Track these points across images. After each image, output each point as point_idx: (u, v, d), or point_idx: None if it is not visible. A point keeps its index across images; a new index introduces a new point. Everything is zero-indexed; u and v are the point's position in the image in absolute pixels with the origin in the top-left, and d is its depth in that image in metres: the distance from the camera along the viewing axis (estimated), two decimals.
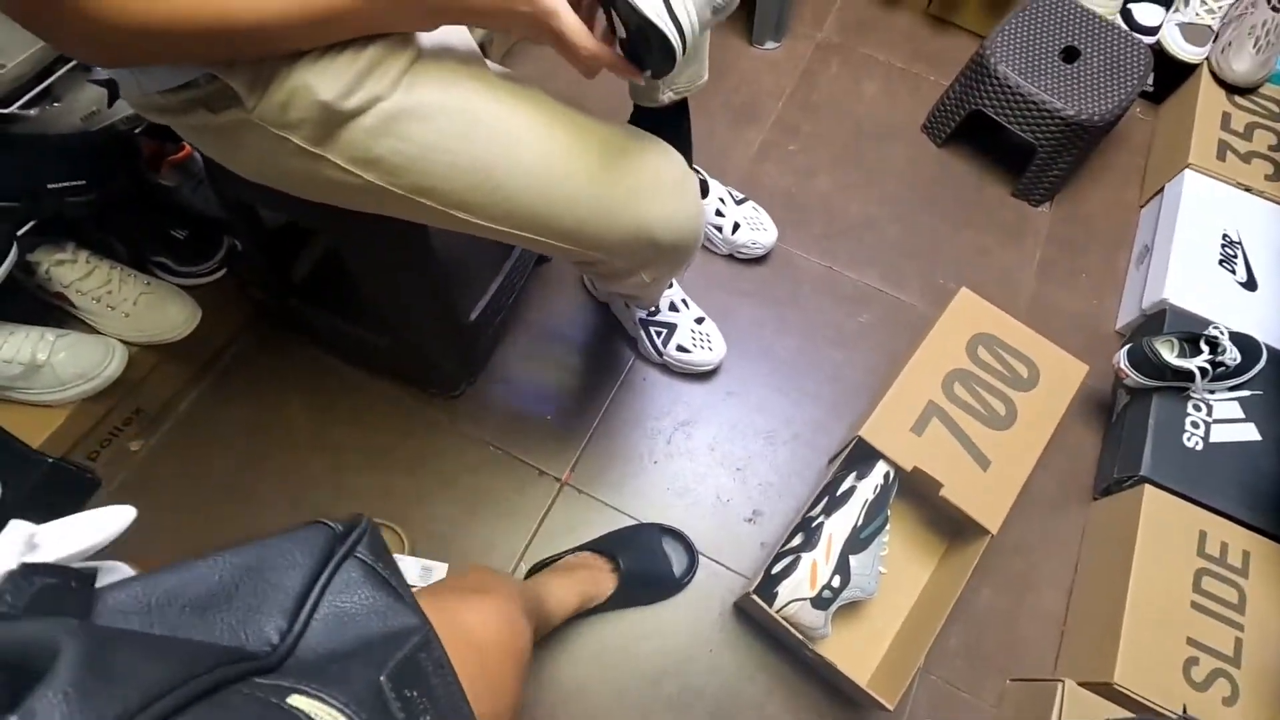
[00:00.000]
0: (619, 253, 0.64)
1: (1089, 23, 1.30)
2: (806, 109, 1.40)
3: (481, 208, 0.59)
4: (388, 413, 1.06)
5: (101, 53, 0.51)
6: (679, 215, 0.64)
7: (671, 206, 0.64)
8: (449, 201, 0.59)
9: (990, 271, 1.27)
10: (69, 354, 0.86)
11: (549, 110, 0.60)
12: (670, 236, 0.64)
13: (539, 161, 0.58)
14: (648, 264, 0.67)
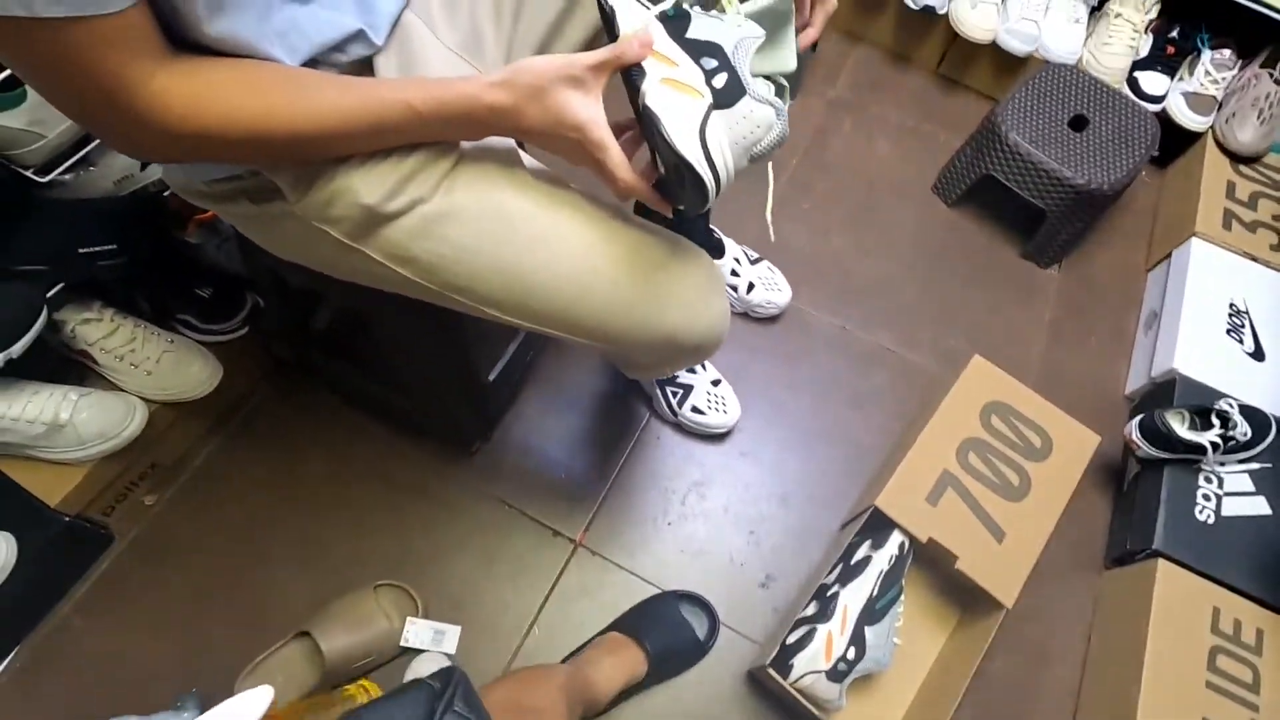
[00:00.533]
0: (642, 352, 0.66)
1: (1097, 91, 1.33)
2: (820, 167, 1.42)
3: (510, 307, 0.61)
4: (404, 469, 1.06)
5: (158, 154, 0.53)
6: (701, 322, 0.65)
7: (695, 313, 0.64)
8: (479, 299, 0.60)
9: (1000, 332, 1.28)
10: (90, 414, 0.86)
11: (580, 214, 0.61)
12: (693, 340, 0.65)
13: (566, 266, 0.60)
14: (669, 361, 0.68)
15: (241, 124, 0.48)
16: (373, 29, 0.58)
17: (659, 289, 0.62)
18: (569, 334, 0.63)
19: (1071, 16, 1.42)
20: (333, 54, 0.57)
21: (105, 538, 0.96)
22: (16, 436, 0.84)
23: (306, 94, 0.50)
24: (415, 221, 0.56)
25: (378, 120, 0.51)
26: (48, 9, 0.39)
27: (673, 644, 0.95)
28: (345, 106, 0.51)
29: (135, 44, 0.44)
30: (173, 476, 1.02)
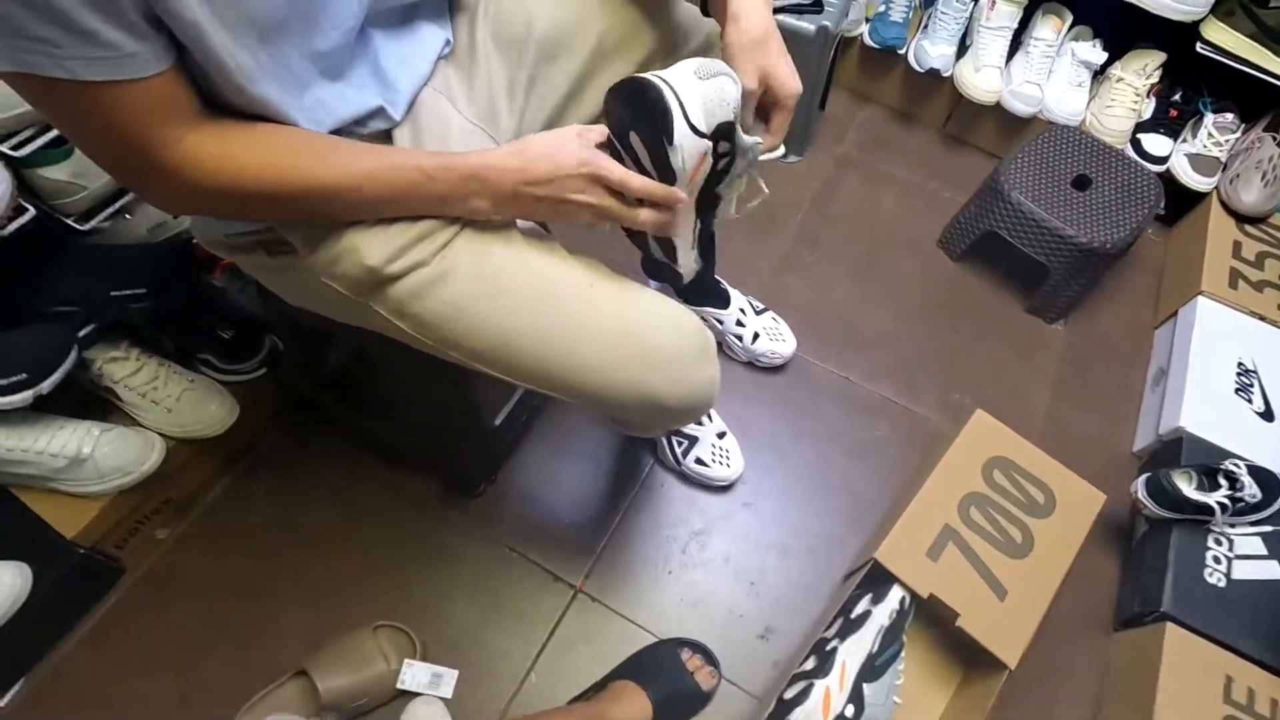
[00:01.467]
0: (631, 413, 0.67)
1: (1099, 152, 1.35)
2: (826, 221, 1.45)
3: (501, 365, 0.63)
4: (409, 511, 1.08)
5: (184, 208, 0.57)
6: (688, 388, 0.66)
7: (682, 379, 0.65)
8: (471, 355, 0.63)
9: (1005, 387, 1.29)
10: (111, 449, 0.90)
11: (573, 278, 0.64)
12: (679, 404, 0.66)
13: (556, 330, 0.62)
14: (658, 422, 0.69)
15: (264, 184, 0.52)
16: (392, 105, 0.63)
17: (646, 354, 0.63)
18: (558, 393, 0.65)
19: (1074, 81, 1.45)
20: (353, 127, 0.61)
21: (116, 570, 0.98)
22: (40, 469, 0.88)
23: (327, 157, 0.54)
24: (414, 283, 0.60)
25: (391, 182, 0.55)
26: (86, 72, 0.43)
27: (676, 693, 0.94)
28: (361, 169, 0.55)
29: (166, 107, 0.48)
30: (185, 511, 1.05)
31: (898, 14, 1.52)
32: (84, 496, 0.92)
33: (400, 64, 0.64)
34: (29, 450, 0.86)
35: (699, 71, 0.56)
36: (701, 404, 0.68)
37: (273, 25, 0.51)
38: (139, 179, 0.52)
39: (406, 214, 0.58)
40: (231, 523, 1.06)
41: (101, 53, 0.43)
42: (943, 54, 1.47)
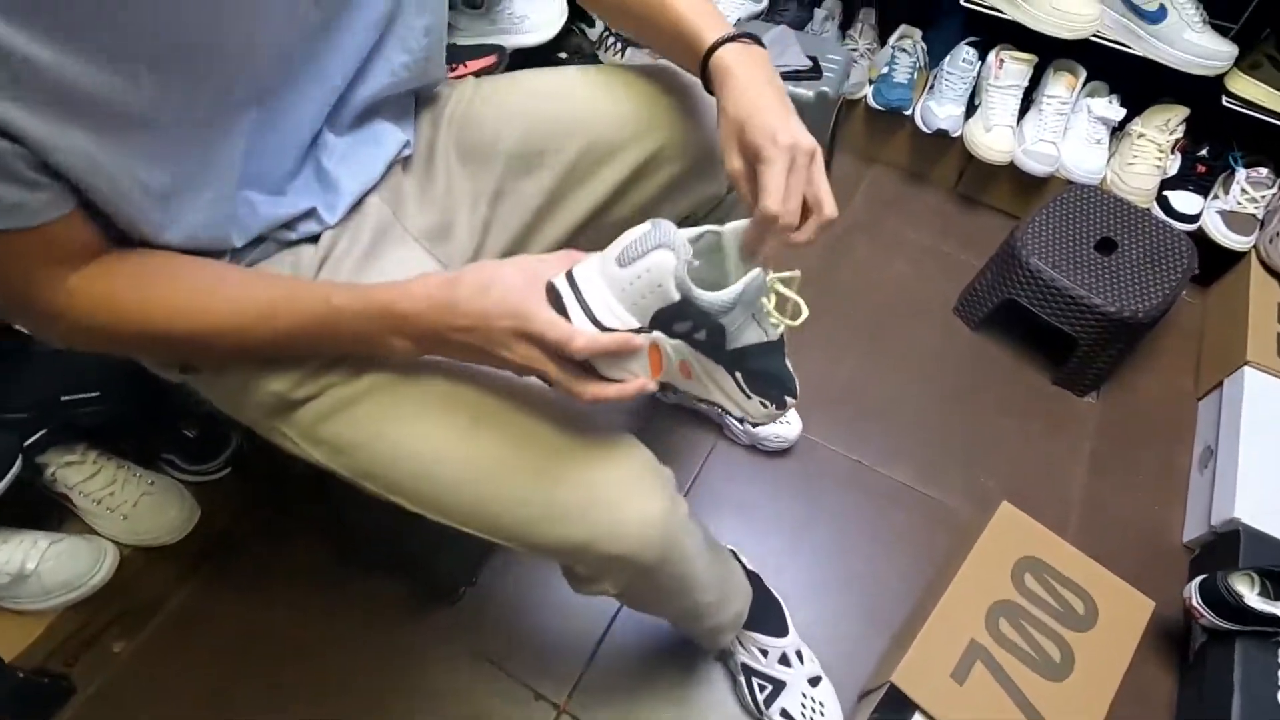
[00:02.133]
0: (570, 560, 0.58)
1: (1124, 213, 1.27)
2: (834, 288, 1.38)
3: (419, 499, 0.56)
4: (381, 618, 1.00)
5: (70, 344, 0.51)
6: (622, 529, 0.55)
7: (615, 520, 0.55)
8: (388, 488, 0.56)
9: (1035, 468, 1.18)
10: (58, 562, 0.84)
11: (499, 404, 0.55)
12: (616, 549, 0.55)
13: (476, 462, 0.54)
14: (604, 574, 0.59)
15: (154, 325, 0.48)
16: (328, 208, 0.57)
17: (574, 489, 0.54)
18: (485, 534, 0.56)
19: (1091, 138, 1.38)
20: (282, 231, 0.56)
21: (65, 690, 0.91)
22: None
23: (221, 292, 0.49)
24: (327, 404, 0.54)
25: (295, 319, 0.49)
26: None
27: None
28: (261, 305, 0.49)
29: (54, 251, 0.44)
30: (144, 621, 0.98)
31: (902, 75, 1.47)
32: (28, 614, 0.85)
33: (347, 165, 0.60)
34: None
35: (623, 256, 0.47)
36: (643, 546, 0.56)
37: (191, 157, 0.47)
38: (24, 319, 0.48)
39: (317, 354, 0.52)
40: (192, 633, 0.98)
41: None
42: (950, 114, 1.42)
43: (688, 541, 0.63)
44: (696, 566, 0.67)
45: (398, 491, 0.56)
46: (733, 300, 0.49)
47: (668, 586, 0.65)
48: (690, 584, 0.68)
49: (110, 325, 0.47)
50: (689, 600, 0.71)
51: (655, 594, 0.68)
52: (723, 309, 0.49)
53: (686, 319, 0.50)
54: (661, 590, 0.66)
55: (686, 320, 0.50)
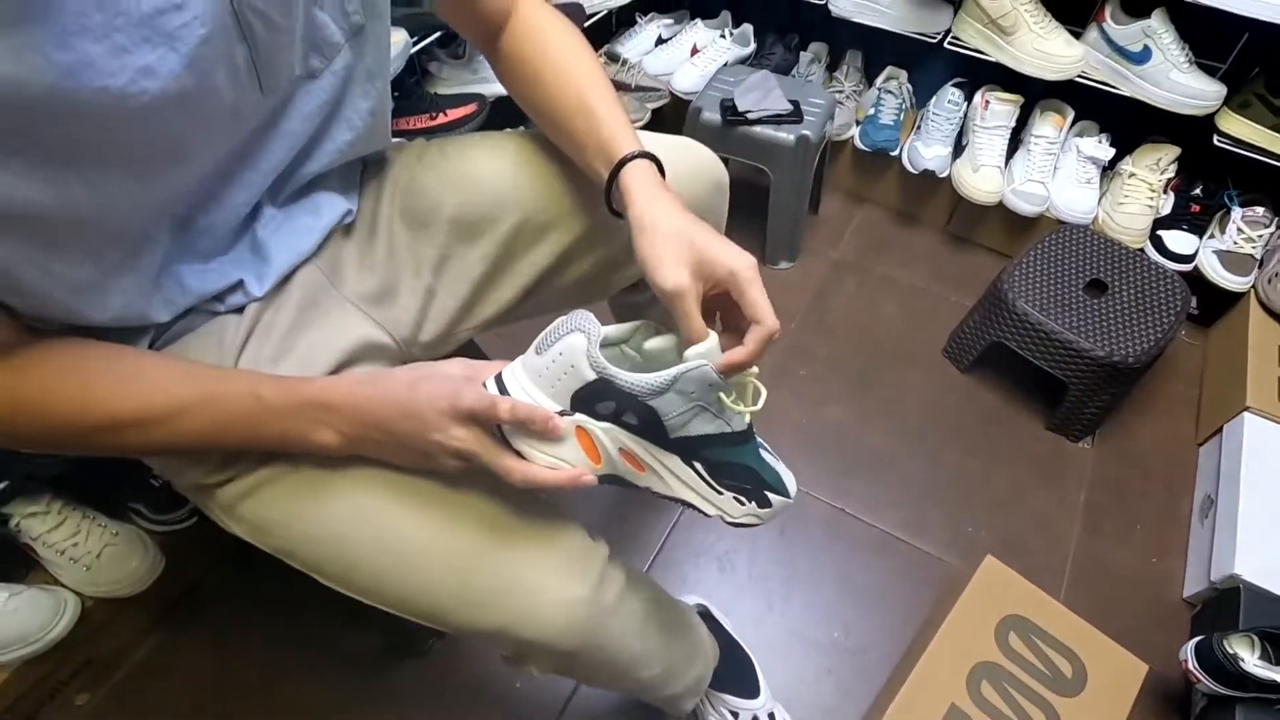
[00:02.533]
0: (489, 644, 0.56)
1: (1115, 254, 1.25)
2: (820, 331, 1.36)
3: (336, 579, 0.54)
4: (348, 672, 0.97)
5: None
6: (537, 616, 0.53)
7: (530, 607, 0.53)
8: (307, 565, 0.54)
9: (1026, 518, 1.14)
10: (15, 615, 0.83)
11: (420, 486, 0.53)
12: (532, 635, 0.54)
13: (393, 542, 0.52)
14: (528, 658, 0.57)
15: (61, 420, 0.46)
16: (258, 279, 0.57)
17: (492, 578, 0.53)
18: (407, 614, 0.55)
19: (1081, 178, 1.37)
20: (211, 303, 0.56)
21: None
22: None
23: (137, 384, 0.48)
24: (243, 486, 0.53)
25: (218, 414, 0.48)
26: None
27: None
28: (181, 398, 0.48)
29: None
30: (109, 673, 0.97)
31: (888, 117, 1.47)
32: None
33: (281, 237, 0.59)
34: None
35: (540, 344, 0.49)
36: (561, 633, 0.54)
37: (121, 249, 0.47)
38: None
39: (245, 449, 0.51)
40: (158, 685, 0.97)
41: None
42: (937, 155, 1.41)
43: (615, 625, 0.59)
44: (631, 646, 0.64)
45: (317, 571, 0.54)
46: (661, 384, 0.48)
47: (599, 669, 0.62)
48: (626, 664, 0.64)
49: (19, 420, 0.45)
50: (629, 678, 0.68)
51: (588, 674, 0.65)
52: (647, 392, 0.48)
53: (608, 399, 0.49)
54: (594, 671, 0.63)
55: (609, 400, 0.49)
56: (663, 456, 0.52)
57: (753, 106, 1.27)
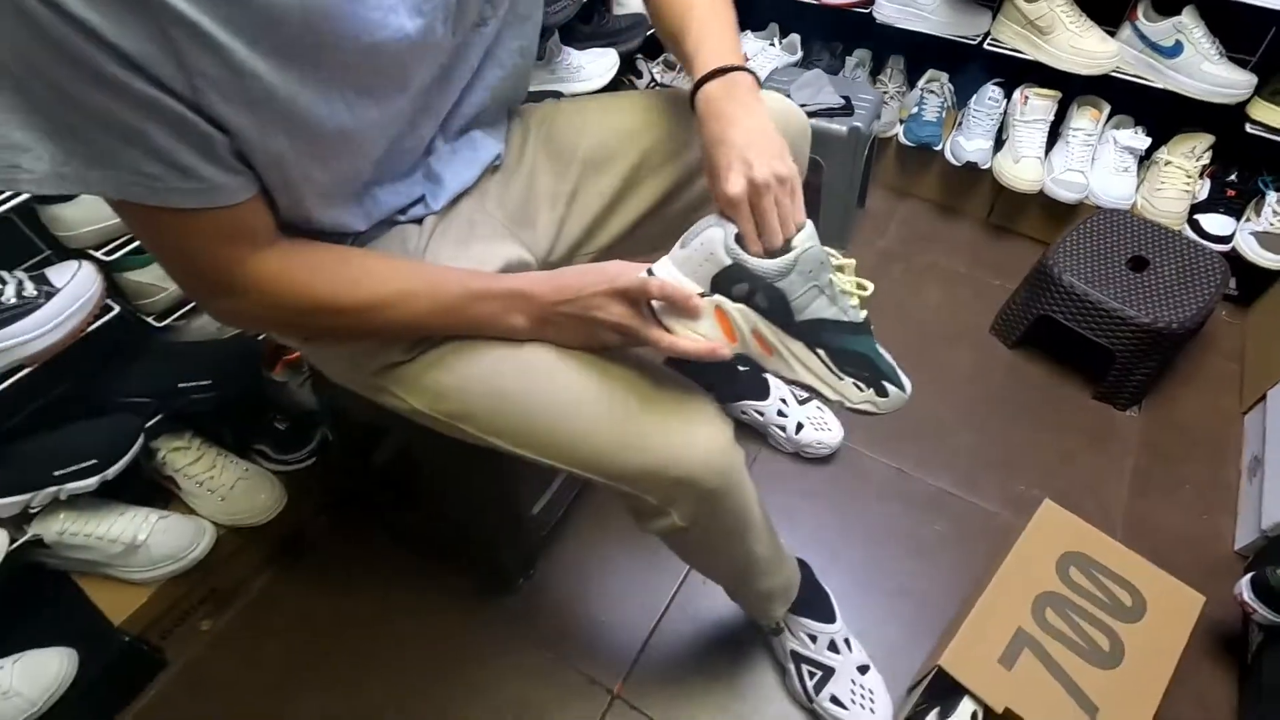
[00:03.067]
0: (640, 488, 0.64)
1: (1155, 234, 1.31)
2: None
3: (507, 434, 0.63)
4: (444, 606, 1.05)
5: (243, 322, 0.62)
6: (689, 453, 0.62)
7: (683, 444, 0.62)
8: (481, 427, 0.64)
9: (1076, 480, 1.19)
10: (164, 536, 0.93)
11: (579, 355, 0.63)
12: (684, 472, 0.62)
13: (557, 398, 0.62)
14: (672, 502, 0.65)
15: (321, 299, 0.57)
16: (433, 198, 0.68)
17: (646, 422, 0.61)
18: (567, 464, 0.63)
19: (1119, 166, 1.44)
20: (396, 215, 0.67)
21: (158, 662, 0.99)
22: (98, 555, 0.91)
23: (380, 273, 0.59)
24: (429, 358, 0.63)
25: (437, 297, 0.59)
26: (179, 200, 0.48)
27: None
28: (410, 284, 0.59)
29: (242, 231, 0.53)
30: (229, 603, 1.06)
31: (931, 114, 1.57)
32: (135, 583, 0.94)
33: (451, 167, 0.71)
34: (90, 535, 0.89)
35: (684, 239, 0.58)
36: (704, 472, 0.62)
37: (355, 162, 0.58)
38: (208, 293, 0.56)
39: (449, 332, 0.61)
40: (271, 617, 1.06)
41: (194, 184, 0.48)
42: (979, 148, 1.50)
43: (747, 481, 0.70)
44: (754, 511, 0.73)
45: (489, 429, 0.64)
46: (784, 267, 0.56)
47: (727, 524, 0.70)
48: (747, 526, 0.73)
49: (281, 298, 0.56)
50: (745, 546, 0.76)
51: (716, 530, 0.71)
52: (774, 273, 0.56)
53: (741, 281, 0.57)
54: (722, 526, 0.70)
55: (742, 283, 0.57)
56: (789, 342, 0.60)
57: (808, 100, 1.37)
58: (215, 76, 0.44)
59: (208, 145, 0.47)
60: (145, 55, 0.41)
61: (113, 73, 0.41)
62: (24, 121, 0.42)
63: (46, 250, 0.85)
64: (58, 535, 0.89)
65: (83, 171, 0.45)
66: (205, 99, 0.45)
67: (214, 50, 0.43)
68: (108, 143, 0.44)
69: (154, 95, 0.43)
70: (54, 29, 0.38)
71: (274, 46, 0.46)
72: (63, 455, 0.85)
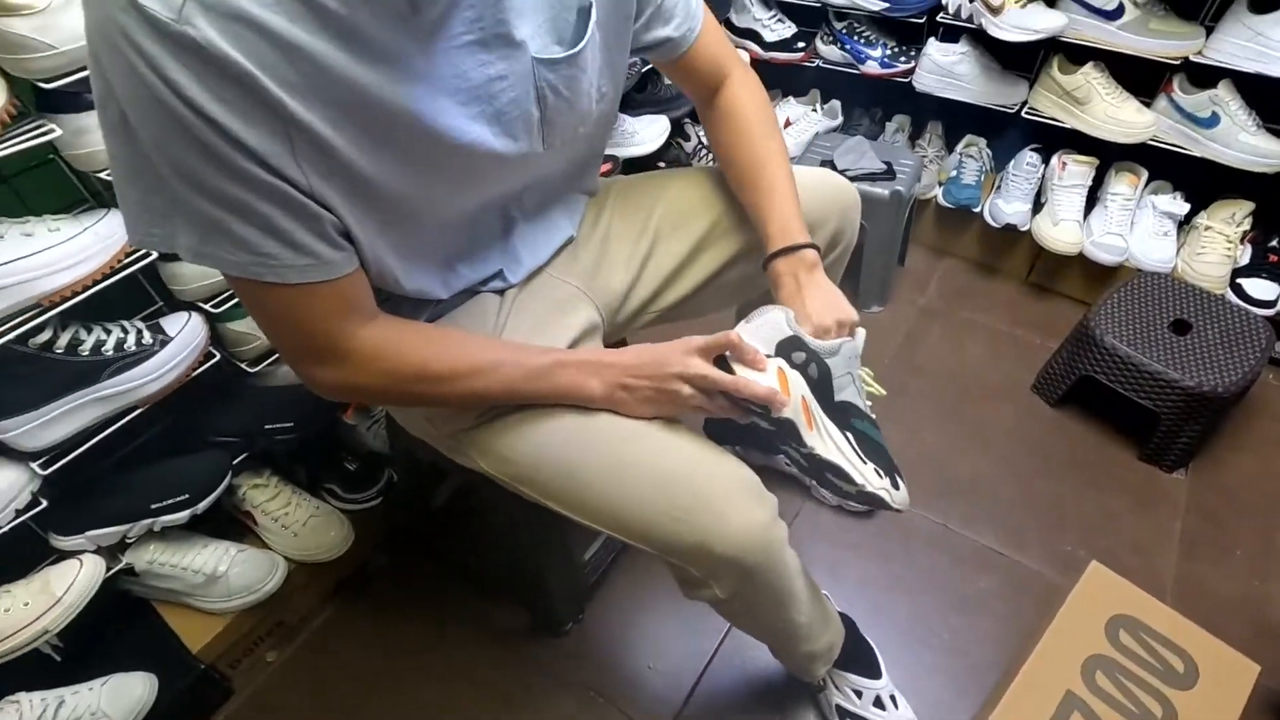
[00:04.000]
0: (685, 560, 0.67)
1: (1197, 298, 1.33)
2: (911, 368, 1.47)
3: (563, 499, 0.68)
4: (496, 645, 1.09)
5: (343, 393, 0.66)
6: (734, 530, 0.64)
7: (724, 524, 0.64)
8: (541, 491, 0.69)
9: (1122, 541, 1.19)
10: (243, 568, 0.99)
11: (632, 431, 0.67)
12: (725, 549, 0.64)
13: (615, 466, 0.66)
14: (713, 576, 0.68)
15: (423, 368, 0.63)
16: (511, 272, 0.75)
17: (695, 493, 0.64)
18: (618, 533, 0.67)
19: (1158, 230, 1.47)
20: (476, 286, 0.74)
21: (227, 691, 1.04)
22: (181, 584, 0.97)
23: (472, 345, 0.66)
24: (498, 425, 0.69)
25: (525, 366, 0.65)
26: (293, 276, 0.54)
27: None
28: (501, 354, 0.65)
29: (349, 303, 0.59)
30: (294, 635, 1.11)
31: (969, 177, 1.62)
32: (211, 613, 1.00)
33: (529, 245, 0.77)
34: (176, 565, 0.96)
35: (749, 319, 0.68)
36: (747, 551, 0.65)
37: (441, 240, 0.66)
38: (314, 361, 0.61)
39: (532, 399, 0.67)
40: (332, 650, 1.10)
41: (307, 260, 0.54)
42: (1018, 210, 1.54)
43: (788, 556, 0.73)
44: (795, 583, 0.76)
45: (546, 494, 0.69)
46: (832, 348, 0.67)
47: (767, 597, 0.74)
48: (787, 599, 0.76)
49: (383, 365, 0.61)
50: (786, 615, 0.78)
51: (755, 604, 0.75)
52: (825, 350, 0.67)
53: (799, 350, 0.67)
54: (762, 599, 0.74)
55: (800, 353, 0.67)
56: (827, 420, 0.68)
57: (851, 165, 1.44)
58: (324, 168, 0.51)
59: (319, 225, 0.53)
60: (269, 151, 0.48)
61: (243, 165, 0.48)
62: (174, 207, 0.50)
63: (160, 302, 0.93)
64: (147, 564, 0.95)
65: (216, 252, 0.51)
66: (316, 186, 0.52)
67: (324, 147, 0.50)
68: (236, 226, 0.50)
69: (275, 183, 0.49)
70: (198, 131, 0.45)
71: (374, 144, 0.53)
72: (160, 489, 0.92)
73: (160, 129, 0.46)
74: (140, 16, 0.42)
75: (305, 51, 0.47)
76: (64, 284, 0.74)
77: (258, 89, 0.46)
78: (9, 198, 0.82)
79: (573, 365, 0.66)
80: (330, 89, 0.49)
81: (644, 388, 0.65)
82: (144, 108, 0.45)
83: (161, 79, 0.43)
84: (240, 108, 0.46)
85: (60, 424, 0.80)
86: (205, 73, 0.44)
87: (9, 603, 0.82)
